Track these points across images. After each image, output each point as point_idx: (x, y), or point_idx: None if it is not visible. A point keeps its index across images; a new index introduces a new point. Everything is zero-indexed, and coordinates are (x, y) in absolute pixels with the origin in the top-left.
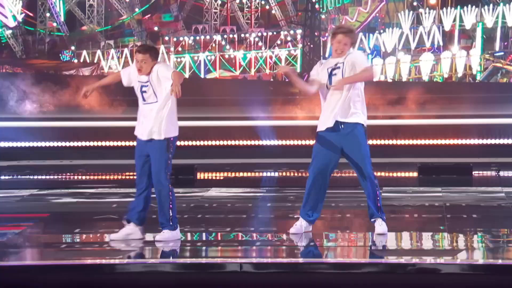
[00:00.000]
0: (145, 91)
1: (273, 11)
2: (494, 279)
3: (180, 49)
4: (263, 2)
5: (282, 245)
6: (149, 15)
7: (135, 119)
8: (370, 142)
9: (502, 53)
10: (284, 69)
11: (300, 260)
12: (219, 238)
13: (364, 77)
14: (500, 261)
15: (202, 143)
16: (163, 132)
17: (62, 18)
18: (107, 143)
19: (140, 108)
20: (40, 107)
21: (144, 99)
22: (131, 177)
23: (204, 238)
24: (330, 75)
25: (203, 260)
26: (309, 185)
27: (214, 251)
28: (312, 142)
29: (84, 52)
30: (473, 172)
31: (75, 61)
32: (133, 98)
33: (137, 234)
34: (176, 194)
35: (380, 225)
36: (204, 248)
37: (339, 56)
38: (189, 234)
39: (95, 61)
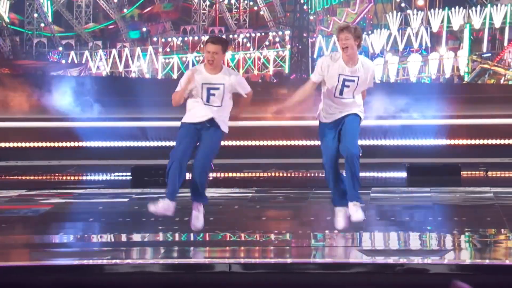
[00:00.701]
0: (213, 94)
1: (262, 12)
2: (482, 279)
3: (168, 50)
4: (251, 3)
5: (271, 246)
6: (149, 8)
7: (123, 119)
8: (360, 142)
9: (489, 54)
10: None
11: (289, 260)
12: (208, 239)
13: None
14: (487, 261)
15: None
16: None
17: (50, 19)
18: (95, 144)
19: (197, 105)
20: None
21: (208, 101)
22: (120, 177)
23: (192, 239)
24: (343, 85)
25: (192, 261)
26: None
27: (202, 251)
28: (301, 142)
29: (72, 53)
30: (462, 173)
31: (63, 61)
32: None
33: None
34: (164, 195)
35: (356, 211)
36: (192, 248)
37: (349, 58)
38: (177, 235)
39: (83, 62)
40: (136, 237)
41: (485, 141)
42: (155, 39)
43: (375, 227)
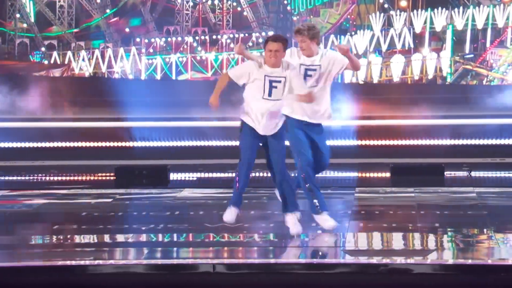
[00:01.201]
0: (275, 87)
1: (245, 13)
2: (466, 279)
3: (151, 50)
4: (234, 4)
5: (255, 246)
6: (117, 18)
7: (108, 120)
8: (344, 142)
9: (472, 55)
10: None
11: (273, 260)
12: (192, 239)
13: (359, 63)
14: (470, 261)
15: (175, 143)
16: None
17: (32, 19)
18: (80, 144)
19: (257, 103)
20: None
21: (269, 95)
22: (104, 177)
23: (176, 239)
24: (305, 75)
25: (176, 261)
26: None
27: (186, 251)
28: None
29: (55, 53)
30: (445, 173)
31: (46, 62)
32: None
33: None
34: (148, 195)
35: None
36: (176, 249)
37: (309, 55)
38: (161, 235)
39: (66, 62)
40: (120, 237)
41: (469, 141)
42: (138, 39)
43: (359, 227)
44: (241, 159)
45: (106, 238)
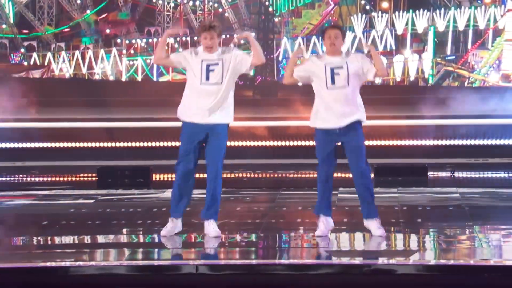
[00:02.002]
0: (338, 74)
1: (226, 14)
2: (449, 279)
3: (132, 51)
4: (216, 5)
5: (238, 247)
6: (104, 15)
7: (90, 120)
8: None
9: (453, 57)
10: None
11: (256, 261)
12: (175, 239)
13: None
14: (454, 262)
15: (157, 144)
16: None
17: (11, 20)
18: (61, 145)
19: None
20: None
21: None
22: (86, 178)
23: (159, 240)
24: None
25: (159, 262)
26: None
27: (169, 253)
28: (265, 143)
29: (35, 54)
30: (429, 173)
31: (25, 63)
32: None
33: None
34: (131, 196)
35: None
36: (159, 250)
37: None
38: (143, 236)
39: (46, 64)
40: (102, 238)
41: (452, 142)
42: (118, 40)
43: (342, 228)
44: None
45: (88, 239)
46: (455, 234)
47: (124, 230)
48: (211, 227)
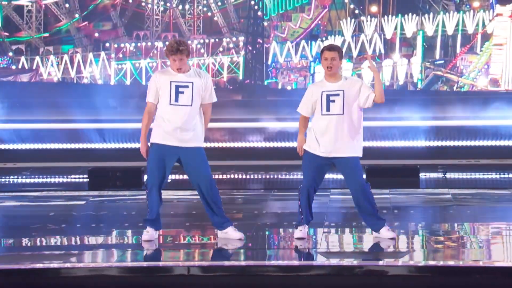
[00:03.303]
0: (333, 101)
1: (215, 18)
2: (440, 280)
3: (121, 55)
4: (205, 9)
5: (230, 248)
6: (86, 22)
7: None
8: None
9: (442, 61)
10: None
11: (248, 262)
12: (166, 241)
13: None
14: (445, 263)
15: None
16: None
17: None
18: (52, 146)
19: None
20: None
21: (328, 109)
22: (77, 179)
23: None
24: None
25: (150, 264)
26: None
27: (161, 254)
28: (250, 144)
29: (23, 58)
30: (420, 174)
31: (13, 67)
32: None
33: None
34: (122, 197)
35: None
36: (151, 251)
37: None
38: (135, 238)
39: (34, 68)
40: (93, 240)
41: (443, 143)
42: (107, 44)
43: (333, 229)
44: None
45: (80, 240)
46: (446, 235)
47: (116, 232)
48: (234, 233)
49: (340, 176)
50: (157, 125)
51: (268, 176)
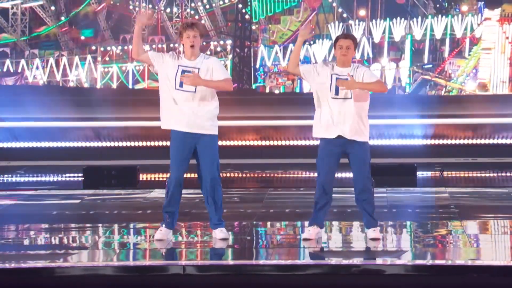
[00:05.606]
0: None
1: (203, 21)
2: (437, 279)
3: (107, 59)
4: (192, 12)
5: (226, 247)
6: (67, 28)
7: (76, 119)
8: (315, 143)
9: (430, 66)
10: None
11: (244, 262)
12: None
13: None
14: (442, 262)
15: (144, 144)
16: None
17: None
18: (47, 144)
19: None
20: None
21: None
22: (72, 178)
23: (146, 240)
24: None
25: (146, 263)
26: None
27: (156, 253)
28: (257, 142)
29: (8, 61)
30: (417, 173)
31: None
32: None
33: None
34: (118, 196)
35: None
36: (146, 250)
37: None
38: (131, 236)
39: (19, 71)
40: (88, 239)
41: (441, 141)
42: (93, 47)
43: (330, 227)
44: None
45: (74, 239)
46: (443, 234)
47: (111, 231)
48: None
49: (338, 175)
50: (167, 108)
51: (264, 175)
